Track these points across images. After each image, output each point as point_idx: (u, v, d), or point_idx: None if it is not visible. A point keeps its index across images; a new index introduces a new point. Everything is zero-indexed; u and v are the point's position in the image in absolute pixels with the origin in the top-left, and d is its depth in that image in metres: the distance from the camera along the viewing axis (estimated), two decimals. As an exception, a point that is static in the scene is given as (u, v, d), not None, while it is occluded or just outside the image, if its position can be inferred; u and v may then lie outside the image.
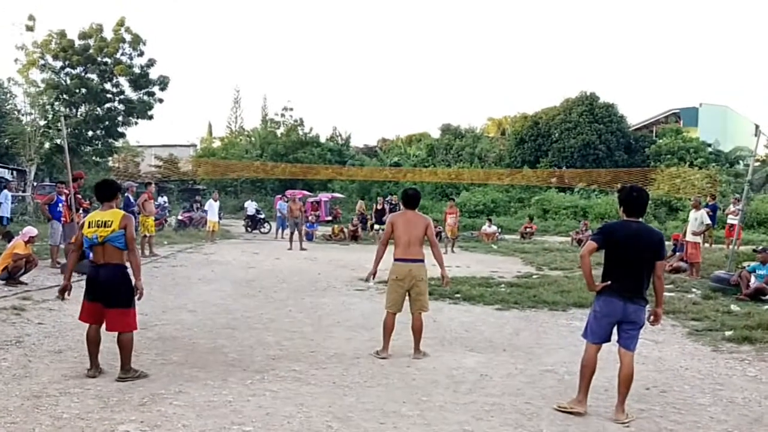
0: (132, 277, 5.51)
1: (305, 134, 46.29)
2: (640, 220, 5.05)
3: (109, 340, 5.73)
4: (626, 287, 4.90)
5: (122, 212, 5.58)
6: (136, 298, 5.49)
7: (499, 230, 24.74)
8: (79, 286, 10.20)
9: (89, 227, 5.50)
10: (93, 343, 5.51)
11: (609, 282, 4.95)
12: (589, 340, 5.12)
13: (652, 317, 5.07)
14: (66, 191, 12.64)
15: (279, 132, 47.01)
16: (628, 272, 4.89)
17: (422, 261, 6.65)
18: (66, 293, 5.74)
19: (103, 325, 5.52)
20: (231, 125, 59.52)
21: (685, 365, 6.65)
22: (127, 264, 5.52)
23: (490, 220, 25.44)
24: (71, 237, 12.53)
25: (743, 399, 5.54)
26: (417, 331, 6.68)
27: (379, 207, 22.54)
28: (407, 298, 6.70)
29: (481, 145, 43.96)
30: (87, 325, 5.57)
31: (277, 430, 4.41)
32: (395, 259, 6.67)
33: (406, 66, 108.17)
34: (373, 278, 7.12)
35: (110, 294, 5.39)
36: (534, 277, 13.27)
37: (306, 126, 47.07)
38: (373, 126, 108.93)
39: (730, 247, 15.35)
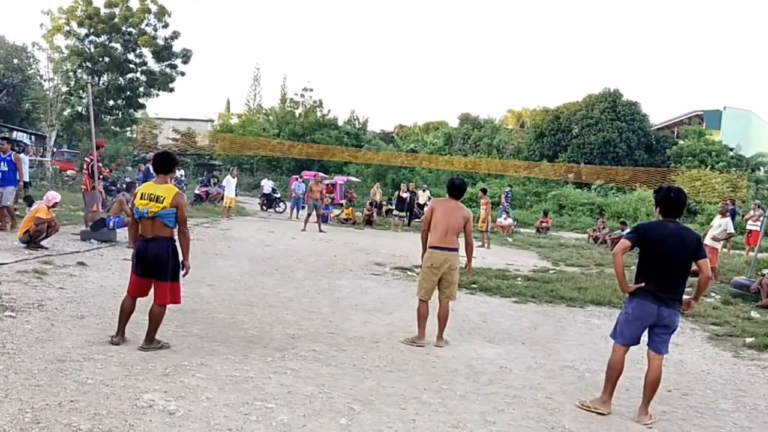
0: (180, 251, 5.54)
1: (323, 116, 46.16)
2: (677, 221, 4.95)
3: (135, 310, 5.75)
4: (661, 289, 4.77)
5: (176, 189, 5.46)
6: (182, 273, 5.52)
7: (515, 223, 24.59)
8: (99, 254, 10.35)
9: (141, 199, 5.40)
10: (126, 313, 5.53)
11: (643, 283, 4.84)
12: (618, 341, 5.01)
13: (683, 304, 4.94)
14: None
15: (297, 112, 46.93)
16: (664, 274, 4.78)
17: (457, 250, 6.64)
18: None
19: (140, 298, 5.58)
20: (250, 103, 59.57)
21: (707, 369, 6.58)
22: (176, 237, 5.51)
23: (507, 213, 25.29)
24: (92, 205, 12.62)
25: (767, 407, 5.47)
26: (443, 318, 6.67)
27: (402, 194, 22.58)
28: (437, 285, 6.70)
29: (500, 136, 43.64)
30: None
31: (299, 409, 4.40)
32: (431, 247, 6.61)
33: (427, 53, 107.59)
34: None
35: (160, 268, 5.38)
36: (551, 272, 13.20)
37: (324, 108, 47.02)
38: (391, 112, 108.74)
39: (751, 253, 15.21)
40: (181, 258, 5.53)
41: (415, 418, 4.48)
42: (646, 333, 4.97)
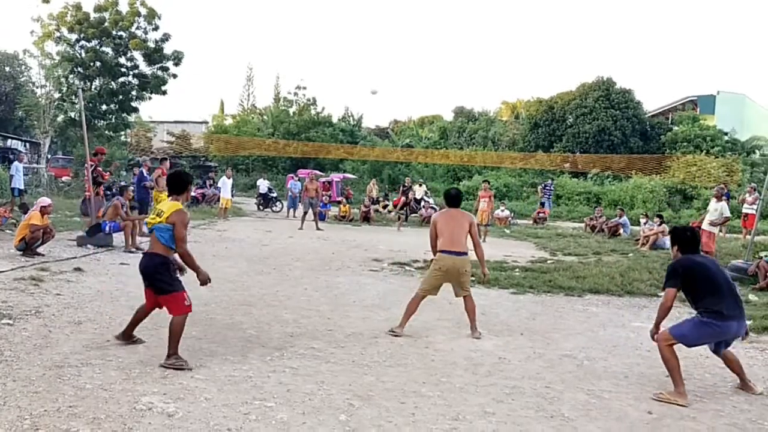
0: (171, 264, 5.38)
1: (317, 114, 46.08)
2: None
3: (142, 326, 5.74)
4: (735, 307, 5.17)
5: (178, 206, 5.30)
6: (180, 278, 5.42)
7: (512, 215, 24.59)
8: (96, 259, 10.33)
9: (151, 213, 5.57)
10: (137, 315, 5.58)
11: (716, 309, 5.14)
12: (680, 341, 5.24)
13: None
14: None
15: (291, 111, 46.84)
16: (726, 295, 5.15)
17: (466, 254, 6.82)
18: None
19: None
20: (243, 103, 59.52)
21: (705, 353, 6.51)
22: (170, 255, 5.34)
23: (503, 204, 25.28)
24: (97, 210, 12.61)
25: (765, 389, 5.49)
26: (470, 312, 6.90)
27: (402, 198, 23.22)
28: (450, 285, 6.91)
29: (495, 128, 43.63)
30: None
31: (298, 407, 4.41)
32: (440, 251, 6.83)
33: (420, 47, 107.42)
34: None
35: (153, 281, 5.31)
36: (548, 262, 13.19)
37: (318, 105, 46.95)
38: (386, 107, 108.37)
39: (747, 237, 15.24)
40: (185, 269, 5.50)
41: (415, 412, 4.49)
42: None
